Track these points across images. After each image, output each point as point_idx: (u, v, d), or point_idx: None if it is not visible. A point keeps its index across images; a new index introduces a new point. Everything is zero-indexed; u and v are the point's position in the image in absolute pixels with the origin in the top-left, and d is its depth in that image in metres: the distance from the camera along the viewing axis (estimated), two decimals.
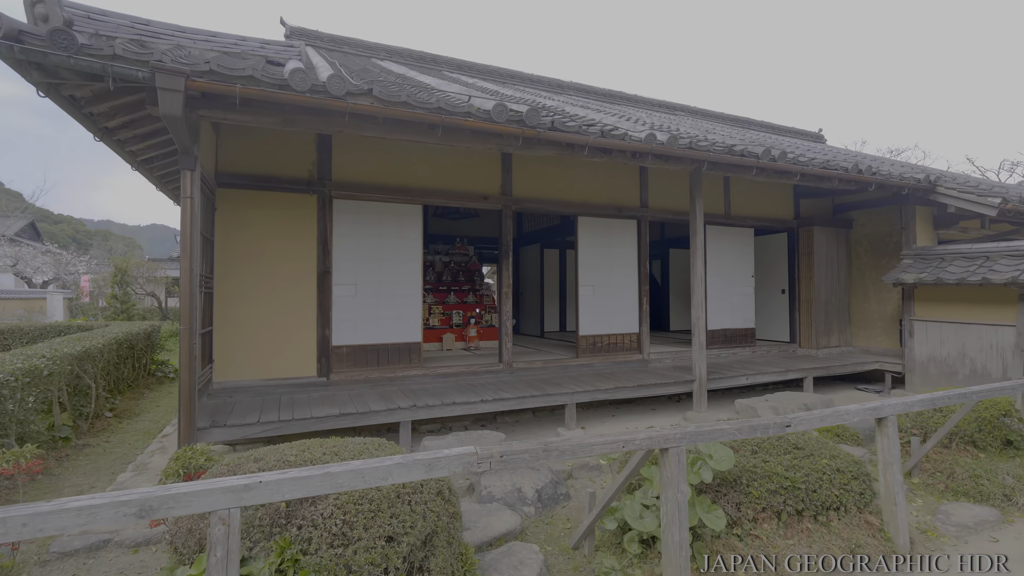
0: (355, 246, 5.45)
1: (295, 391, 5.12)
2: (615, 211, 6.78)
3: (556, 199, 6.42)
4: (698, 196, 5.89)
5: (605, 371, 6.51)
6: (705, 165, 5.22)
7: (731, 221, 7.73)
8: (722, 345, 7.62)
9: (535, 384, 5.67)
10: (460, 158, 5.94)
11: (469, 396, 5.03)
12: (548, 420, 5.85)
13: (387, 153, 5.60)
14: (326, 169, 5.31)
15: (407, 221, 5.69)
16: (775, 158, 5.46)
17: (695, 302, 5.93)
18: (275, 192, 5.12)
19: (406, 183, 5.66)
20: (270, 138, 5.13)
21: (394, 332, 5.60)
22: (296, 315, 5.18)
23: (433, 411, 4.75)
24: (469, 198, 5.91)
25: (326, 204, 5.29)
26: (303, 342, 5.21)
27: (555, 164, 6.47)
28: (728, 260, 7.74)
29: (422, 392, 5.22)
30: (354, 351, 5.44)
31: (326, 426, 4.36)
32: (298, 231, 5.21)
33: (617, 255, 6.85)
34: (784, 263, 8.52)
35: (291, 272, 5.17)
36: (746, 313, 7.90)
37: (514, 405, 5.09)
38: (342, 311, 5.38)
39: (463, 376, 5.86)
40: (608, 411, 6.26)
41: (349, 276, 5.42)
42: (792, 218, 8.38)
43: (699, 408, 5.91)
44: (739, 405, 6.19)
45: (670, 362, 7.09)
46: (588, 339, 6.63)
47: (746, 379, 6.47)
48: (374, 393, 5.18)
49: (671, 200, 7.24)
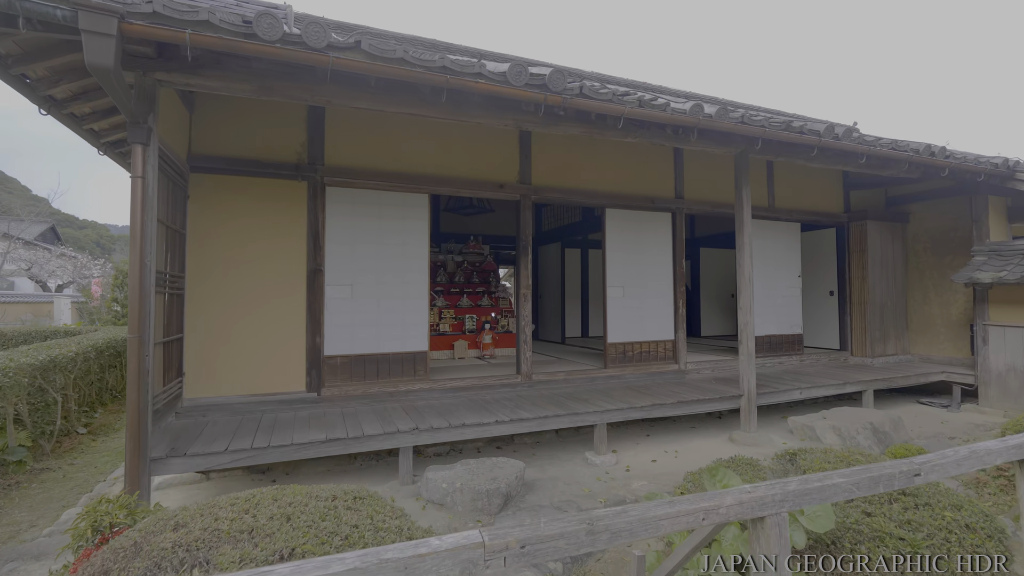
0: (351, 241, 4.75)
1: (280, 409, 4.42)
2: (647, 203, 5.99)
3: (581, 188, 5.66)
4: (745, 183, 5.08)
5: (637, 384, 5.72)
6: (759, 143, 4.42)
7: (775, 215, 6.88)
8: (767, 353, 6.77)
9: (558, 400, 4.90)
10: (472, 141, 5.21)
11: (482, 416, 4.28)
12: (573, 441, 5.07)
13: (388, 134, 4.89)
14: (318, 152, 4.62)
15: (412, 212, 4.98)
16: (838, 136, 4.63)
17: (742, 305, 5.11)
18: (258, 178, 4.44)
19: (410, 169, 4.95)
20: (252, 115, 4.46)
21: (396, 340, 4.88)
22: (282, 320, 4.49)
23: (438, 435, 4.00)
24: (483, 187, 5.18)
25: (317, 192, 4.59)
26: (290, 352, 4.51)
27: (579, 148, 5.71)
28: (772, 258, 6.90)
29: (428, 410, 4.49)
30: (350, 362, 4.72)
31: (310, 453, 3.64)
32: (285, 223, 4.52)
33: (649, 252, 6.05)
34: (832, 262, 7.64)
35: (276, 270, 4.48)
36: (793, 317, 7.03)
37: (534, 427, 4.33)
38: (336, 316, 4.68)
39: (476, 391, 5.11)
40: (642, 430, 5.46)
41: (344, 275, 4.72)
42: (842, 211, 7.50)
43: (747, 427, 5.08)
44: (793, 424, 5.35)
45: (709, 373, 6.26)
46: (617, 347, 5.85)
47: (800, 393, 5.62)
48: (371, 411, 4.46)
49: (709, 190, 6.43)
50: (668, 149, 6.21)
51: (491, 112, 3.88)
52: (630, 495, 3.81)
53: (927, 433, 5.51)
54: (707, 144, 4.75)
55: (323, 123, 4.65)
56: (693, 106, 3.92)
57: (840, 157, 5.17)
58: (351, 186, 4.73)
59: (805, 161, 5.30)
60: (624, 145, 5.92)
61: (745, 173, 5.06)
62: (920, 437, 5.30)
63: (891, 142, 5.13)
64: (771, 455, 4.82)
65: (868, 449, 4.92)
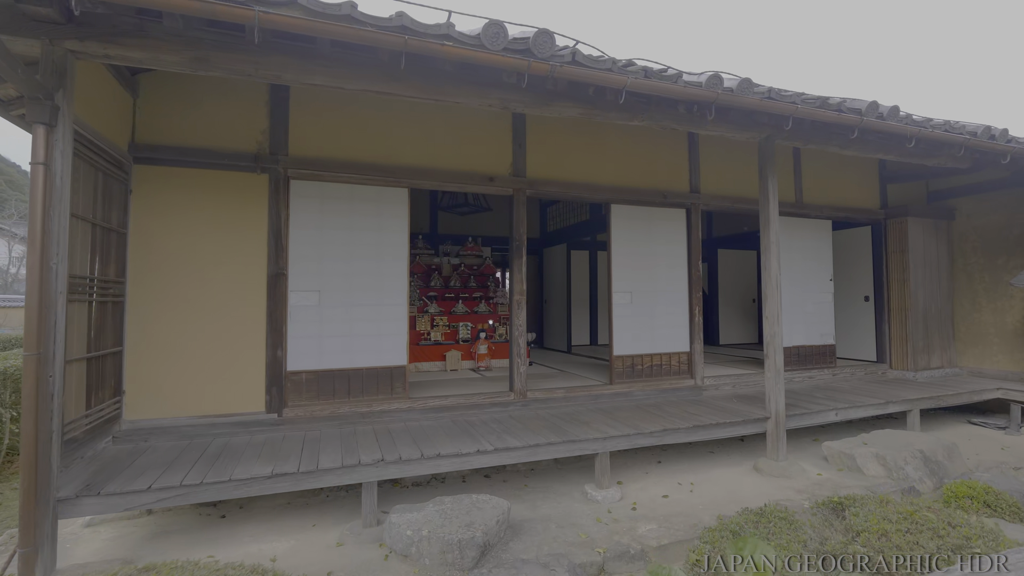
0: (319, 241, 4.20)
1: (234, 432, 3.88)
2: (658, 197, 5.34)
3: (582, 182, 5.04)
4: (771, 174, 4.41)
5: (647, 403, 5.06)
6: (789, 124, 3.74)
7: (803, 211, 6.17)
8: (795, 367, 6.04)
9: (555, 423, 4.27)
10: (458, 128, 4.63)
11: (462, 443, 3.67)
12: (573, 469, 4.43)
13: (361, 120, 4.34)
14: (281, 141, 4.09)
15: (389, 209, 4.41)
16: (883, 115, 3.93)
17: (768, 314, 4.43)
18: (213, 170, 3.92)
19: (387, 160, 4.38)
20: (206, 99, 3.94)
21: (370, 353, 4.31)
22: (239, 331, 3.95)
23: (409, 467, 3.41)
24: (470, 180, 4.59)
25: (280, 186, 4.05)
26: (247, 367, 3.97)
27: (580, 136, 5.10)
28: (800, 260, 6.18)
29: (402, 436, 3.90)
30: (317, 378, 4.17)
31: (251, 491, 3.08)
32: (243, 221, 3.98)
33: (661, 252, 5.40)
34: (867, 263, 6.87)
35: (233, 274, 3.95)
36: (824, 326, 6.30)
37: (524, 457, 3.71)
38: (301, 326, 4.13)
39: (462, 411, 4.51)
40: (652, 455, 4.80)
41: (311, 280, 4.17)
42: (878, 207, 6.74)
43: (775, 454, 4.39)
44: (829, 451, 4.64)
45: (729, 389, 5.57)
46: (624, 360, 5.20)
47: (836, 415, 4.91)
48: (339, 436, 3.89)
49: (729, 183, 5.75)
50: (681, 136, 5.55)
51: (469, 88, 3.29)
52: (635, 543, 3.17)
53: (987, 462, 4.75)
54: (726, 128, 4.10)
55: (287, 108, 4.11)
56: (710, 78, 3.28)
57: (883, 142, 4.47)
58: (319, 179, 4.18)
59: (839, 148, 4.61)
60: (631, 132, 5.29)
61: (771, 162, 4.39)
62: (980, 468, 4.54)
63: (943, 123, 4.41)
64: (804, 489, 4.14)
65: (919, 482, 4.20)
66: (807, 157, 6.27)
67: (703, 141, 5.63)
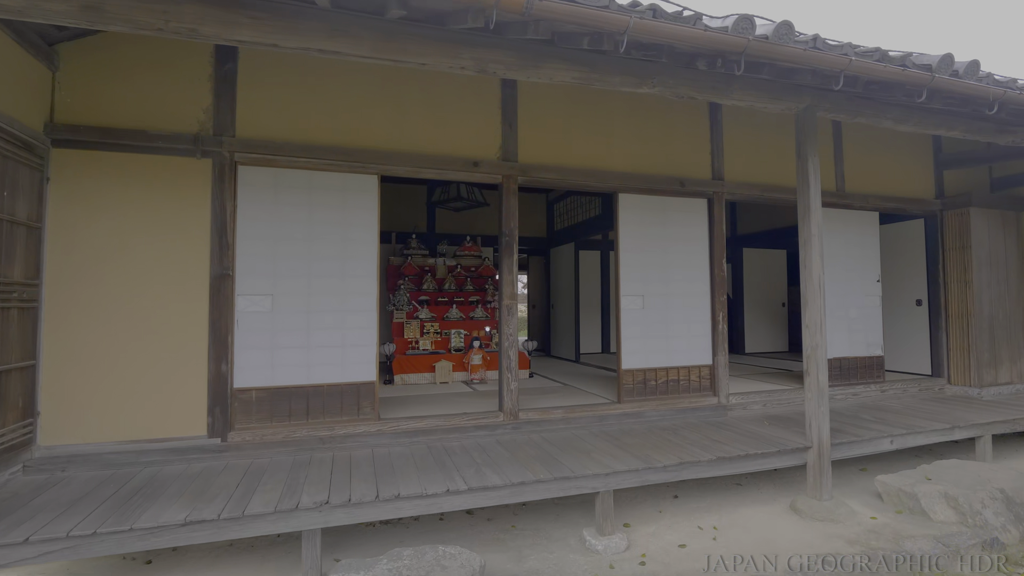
0: (272, 236, 3.61)
1: (168, 461, 3.30)
2: (674, 185, 4.61)
3: (584, 167, 4.35)
4: (811, 152, 3.65)
5: (661, 425, 4.33)
6: (840, 81, 2.96)
7: (846, 201, 5.35)
8: (837, 381, 5.22)
9: (549, 452, 3.58)
10: (436, 103, 4.00)
11: (430, 480, 3.02)
12: (571, 506, 3.73)
13: (323, 96, 3.74)
14: (226, 120, 3.51)
15: (356, 200, 3.81)
16: (959, 72, 3.14)
17: (810, 321, 3.66)
18: (146, 155, 3.36)
19: (353, 142, 3.78)
20: (138, 72, 3.39)
21: (333, 367, 3.70)
22: (177, 342, 3.38)
23: (360, 512, 2.77)
24: (451, 165, 3.95)
25: (226, 173, 3.48)
26: (186, 383, 3.39)
27: (583, 113, 4.41)
28: (842, 258, 5.36)
29: (364, 467, 3.27)
30: (269, 397, 3.57)
31: (161, 542, 2.49)
32: (181, 214, 3.42)
33: (678, 250, 4.66)
34: (920, 262, 5.99)
35: (170, 276, 3.39)
36: (871, 334, 5.45)
37: (505, 497, 3.04)
38: (250, 335, 3.54)
39: (440, 435, 3.86)
40: (668, 489, 4.06)
41: (262, 282, 3.58)
42: (932, 197, 5.86)
43: (818, 492, 3.61)
44: (884, 487, 3.83)
45: (759, 409, 4.79)
46: (635, 376, 4.48)
47: (891, 442, 4.09)
48: (290, 466, 3.29)
49: (757, 169, 4.98)
50: (701, 113, 4.81)
51: (434, 45, 2.66)
52: None
53: None
54: (756, 96, 3.37)
55: (235, 82, 3.54)
56: (739, 20, 2.56)
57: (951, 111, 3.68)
58: (272, 164, 3.60)
59: (894, 122, 3.83)
60: (642, 109, 4.58)
61: (812, 138, 3.63)
62: None
63: None
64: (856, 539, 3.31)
65: (1002, 531, 3.37)
66: (850, 138, 5.44)
67: (727, 119, 4.88)
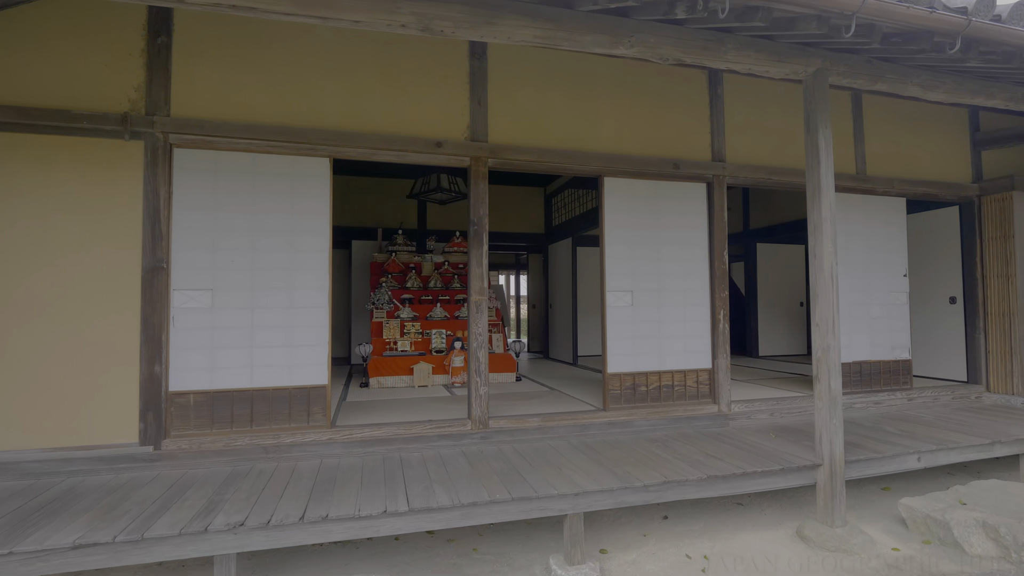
0: (212, 227, 3.30)
1: (95, 471, 3.01)
2: (668, 168, 4.15)
3: (565, 148, 3.92)
4: (821, 123, 3.16)
5: (651, 436, 3.87)
6: (852, 27, 2.46)
7: (867, 186, 4.79)
8: (857, 388, 4.67)
9: (515, 467, 3.17)
10: (396, 78, 3.62)
11: (369, 499, 2.64)
12: (543, 530, 3.31)
13: (268, 70, 3.40)
14: (160, 97, 3.21)
15: (306, 185, 3.46)
16: (1002, 17, 2.61)
17: (821, 320, 3.17)
18: (69, 136, 3.08)
19: (302, 121, 3.43)
20: (60, 45, 3.11)
21: (280, 369, 3.37)
22: (106, 341, 3.09)
23: (279, 535, 2.41)
24: (411, 145, 3.57)
25: (159, 156, 3.17)
26: (116, 386, 3.10)
27: (563, 88, 3.98)
28: (863, 249, 4.81)
29: (304, 481, 2.92)
30: (209, 401, 3.25)
31: (50, 568, 2.18)
32: (111, 203, 3.13)
33: (672, 240, 4.20)
34: (954, 254, 5.37)
35: (98, 270, 3.10)
36: (896, 336, 4.88)
37: (454, 520, 2.64)
38: (187, 334, 3.23)
39: (399, 444, 3.48)
40: (659, 508, 3.60)
41: (200, 276, 3.26)
42: (969, 180, 5.24)
43: (828, 517, 3.11)
44: (908, 511, 3.30)
45: (766, 418, 4.28)
46: (623, 380, 4.03)
47: (919, 459, 3.56)
48: (226, 478, 2.96)
49: (763, 149, 4.47)
50: (699, 84, 4.32)
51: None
52: None
53: None
54: (755, 57, 2.91)
55: (169, 56, 3.23)
56: None
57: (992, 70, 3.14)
58: (211, 147, 3.28)
59: (922, 88, 3.33)
60: (631, 80, 4.13)
61: (823, 106, 3.14)
62: None
63: None
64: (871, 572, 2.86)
65: None
66: (873, 114, 4.88)
67: (730, 93, 4.39)
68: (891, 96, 4.73)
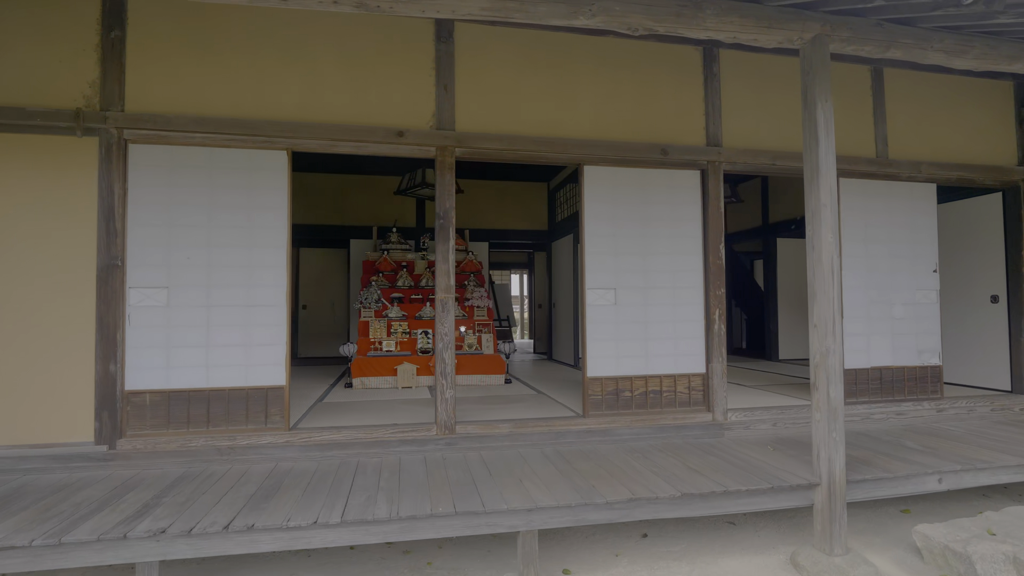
0: (168, 222, 3.23)
1: (49, 469, 2.99)
2: (655, 154, 3.82)
3: (539, 135, 3.66)
4: (820, 97, 2.79)
5: (632, 446, 3.57)
6: None
7: (890, 170, 4.31)
8: (877, 397, 4.21)
9: (472, 477, 2.95)
10: (357, 64, 3.45)
11: (304, 508, 2.49)
12: (505, 544, 3.07)
13: (223, 61, 3.30)
14: (114, 93, 3.16)
15: (264, 180, 3.35)
16: None
17: (819, 319, 2.81)
18: (26, 134, 3.07)
19: (259, 113, 3.32)
20: (19, 43, 3.10)
21: (236, 369, 3.27)
22: (60, 338, 3.06)
23: (203, 544, 2.29)
24: (371, 135, 3.40)
25: (114, 152, 3.12)
26: (72, 384, 3.07)
27: (538, 70, 3.72)
28: (885, 241, 4.33)
29: (249, 484, 2.80)
30: (165, 401, 3.19)
31: None
32: (66, 200, 3.10)
33: (661, 234, 3.88)
34: (997, 247, 4.78)
35: (54, 267, 3.08)
36: (923, 338, 4.37)
37: (392, 533, 2.45)
38: (143, 332, 3.17)
39: (359, 449, 3.33)
40: (637, 527, 3.30)
41: (156, 274, 3.20)
42: (1015, 163, 4.65)
43: (827, 544, 2.75)
44: (925, 540, 2.88)
45: (767, 429, 3.90)
46: (605, 385, 3.74)
47: (939, 480, 3.12)
48: (177, 479, 2.88)
49: (766, 131, 4.07)
50: (691, 64, 3.97)
51: None
52: None
53: None
54: (739, 23, 2.61)
55: (123, 50, 3.18)
56: None
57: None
58: (166, 141, 3.21)
59: (945, 54, 2.95)
60: (613, 60, 3.83)
61: (822, 78, 2.77)
62: None
63: None
64: None
65: None
66: (897, 89, 4.38)
67: (727, 71, 4.02)
68: (912, 67, 4.22)
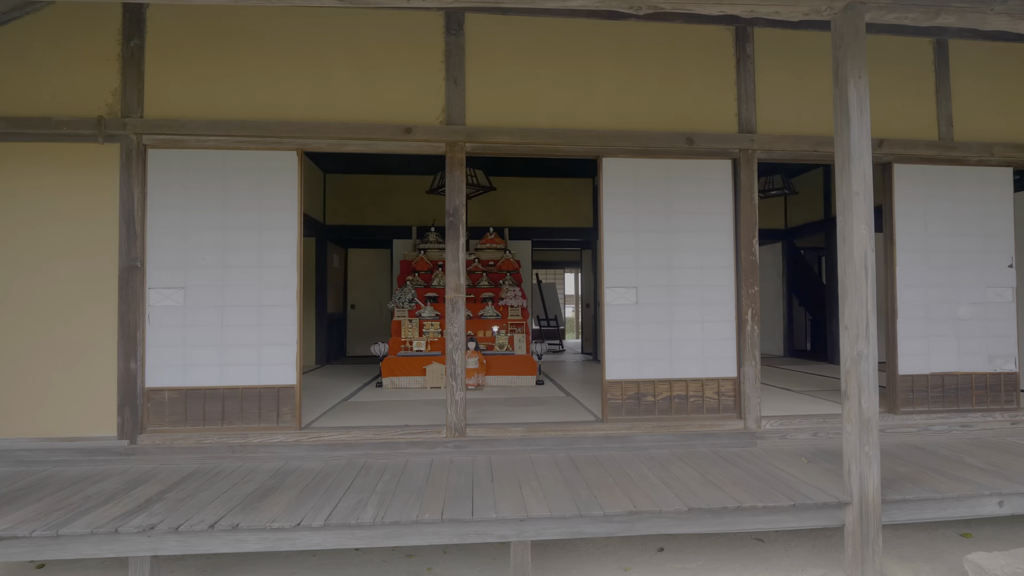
0: (184, 225, 3.32)
1: (75, 461, 3.14)
2: (680, 143, 3.56)
3: (555, 127, 3.49)
4: (853, 73, 2.47)
5: (652, 454, 3.34)
6: None
7: (955, 155, 3.82)
8: (938, 407, 3.76)
9: (474, 482, 2.85)
10: (366, 62, 3.41)
11: (290, 512, 2.46)
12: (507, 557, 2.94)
13: (236, 64, 3.35)
14: (134, 100, 3.27)
15: (275, 180, 3.38)
16: None
17: (850, 320, 2.52)
18: (54, 143, 3.23)
19: (269, 114, 3.34)
20: (48, 58, 3.26)
21: (249, 368, 3.32)
22: (85, 337, 3.22)
23: (192, 541, 2.31)
24: (380, 133, 3.35)
25: (134, 158, 3.24)
26: (96, 381, 3.22)
27: (551, 59, 3.55)
28: (949, 233, 3.85)
29: (251, 482, 2.83)
30: (183, 398, 3.28)
31: None
32: (90, 204, 3.25)
33: (687, 229, 3.61)
34: None
35: (79, 268, 3.23)
36: (997, 342, 3.85)
37: (378, 539, 2.39)
38: (162, 332, 3.28)
39: (367, 450, 3.30)
40: (654, 542, 3.09)
41: (174, 274, 3.30)
42: None
43: (858, 570, 2.45)
44: (977, 570, 2.49)
45: (806, 439, 3.55)
46: (625, 388, 3.53)
47: (1000, 504, 2.72)
48: (188, 474, 2.95)
49: (806, 116, 3.70)
50: (723, 45, 3.65)
51: None
52: None
53: None
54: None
55: (142, 58, 3.28)
56: None
57: None
58: (183, 146, 3.29)
59: (1009, 17, 2.53)
60: (635, 46, 3.60)
61: (856, 50, 2.46)
62: None
63: None
64: None
65: None
66: (963, 62, 3.88)
67: (761, 50, 3.68)
68: (982, 36, 3.72)
